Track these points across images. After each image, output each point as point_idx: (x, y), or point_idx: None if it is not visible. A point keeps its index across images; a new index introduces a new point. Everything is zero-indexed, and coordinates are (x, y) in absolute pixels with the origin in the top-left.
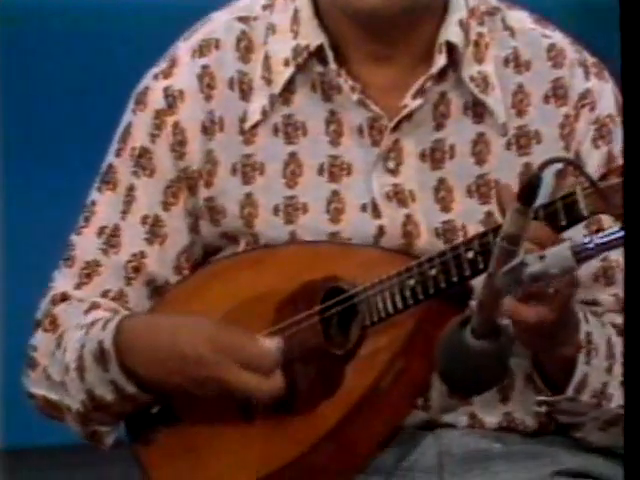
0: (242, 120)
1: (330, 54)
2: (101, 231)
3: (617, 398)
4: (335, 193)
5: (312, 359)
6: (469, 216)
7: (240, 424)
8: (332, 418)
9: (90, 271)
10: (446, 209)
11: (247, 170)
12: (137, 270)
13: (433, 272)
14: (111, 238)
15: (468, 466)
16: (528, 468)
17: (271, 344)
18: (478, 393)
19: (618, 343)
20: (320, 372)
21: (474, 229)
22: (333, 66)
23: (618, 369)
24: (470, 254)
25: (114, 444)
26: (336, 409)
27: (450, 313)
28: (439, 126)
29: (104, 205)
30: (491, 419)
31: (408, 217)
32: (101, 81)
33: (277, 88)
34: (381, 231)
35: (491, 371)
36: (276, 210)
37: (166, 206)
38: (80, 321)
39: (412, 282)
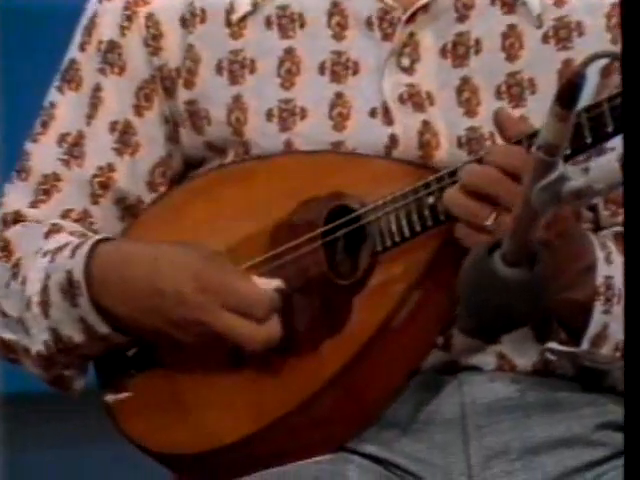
0: (229, 11)
1: None
2: (62, 139)
3: None
4: (339, 95)
5: (314, 291)
6: None
7: (231, 367)
8: (337, 361)
9: (48, 186)
10: (471, 114)
11: (235, 68)
12: (105, 186)
13: None
14: (74, 147)
15: (496, 418)
16: (568, 420)
17: (269, 285)
18: (508, 331)
19: None
20: (323, 306)
21: None
22: None
23: None
24: None
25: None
26: (342, 350)
27: None
28: (462, 18)
29: (65, 108)
30: (524, 361)
31: (425, 124)
32: None
33: None
34: (393, 140)
35: (525, 305)
36: (269, 115)
37: (139, 110)
38: (41, 246)
39: (432, 200)
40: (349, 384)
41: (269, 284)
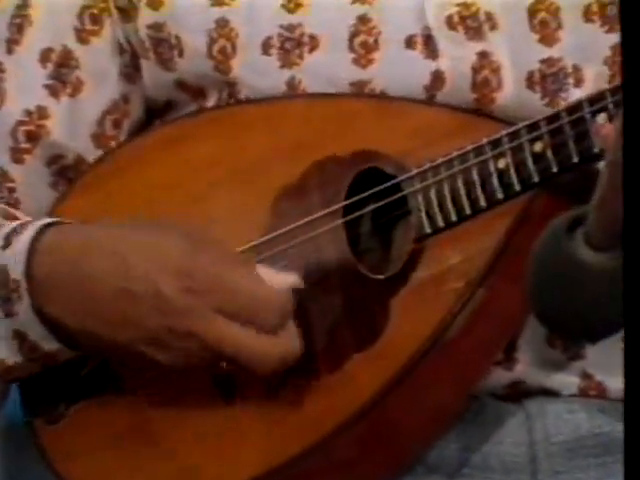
0: None
1: None
2: None
3: None
4: (363, 20)
5: (335, 288)
6: (586, 52)
7: (222, 391)
8: (369, 385)
9: None
10: (548, 40)
11: None
12: (33, 138)
13: (538, 148)
14: None
15: (578, 461)
16: None
17: (284, 281)
18: (595, 339)
19: None
20: (349, 310)
21: (593, 73)
22: None
23: None
24: (600, 119)
25: None
26: (376, 370)
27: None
28: None
29: None
30: (617, 382)
31: (483, 56)
32: None
33: None
34: (437, 79)
35: (616, 302)
36: (267, 45)
37: (82, 35)
38: None
39: (502, 164)
40: (383, 416)
41: (284, 280)
